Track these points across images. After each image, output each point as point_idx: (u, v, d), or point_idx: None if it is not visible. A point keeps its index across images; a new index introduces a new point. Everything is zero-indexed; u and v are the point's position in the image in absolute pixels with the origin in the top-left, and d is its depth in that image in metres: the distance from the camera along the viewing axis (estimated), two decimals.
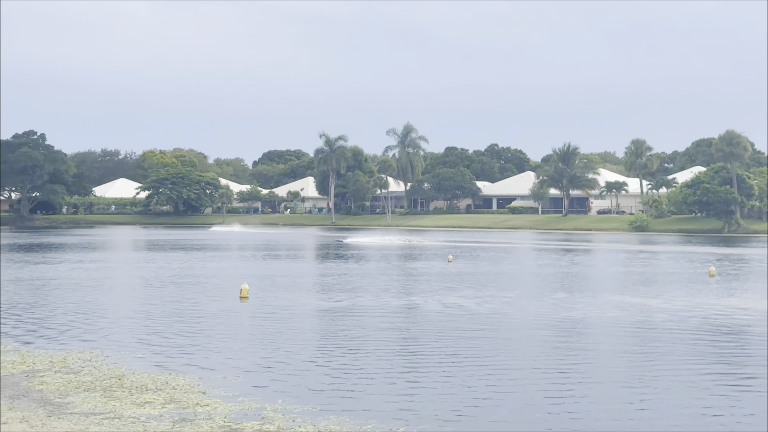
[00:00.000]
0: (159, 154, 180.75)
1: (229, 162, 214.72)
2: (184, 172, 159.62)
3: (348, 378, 15.31)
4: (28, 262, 47.11)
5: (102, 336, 20.24)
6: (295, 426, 11.68)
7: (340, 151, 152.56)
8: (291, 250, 65.51)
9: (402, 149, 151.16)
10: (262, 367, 16.28)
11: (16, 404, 12.81)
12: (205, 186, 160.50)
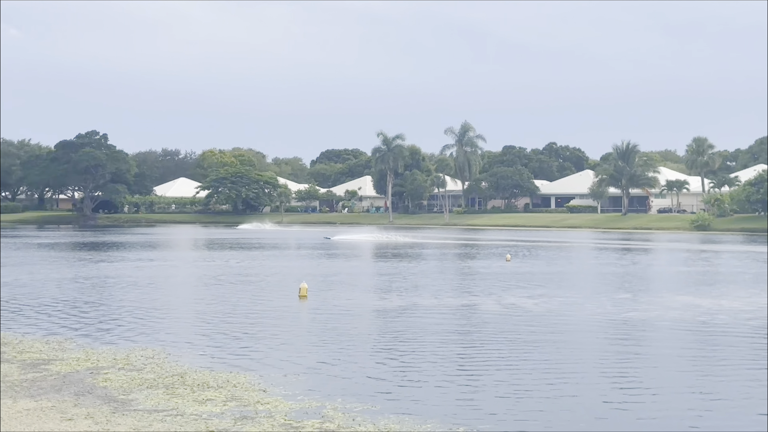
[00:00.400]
0: (218, 153, 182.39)
1: (287, 161, 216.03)
2: (243, 171, 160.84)
3: (407, 378, 15.32)
4: (90, 261, 47.85)
5: (164, 334, 20.50)
6: (355, 425, 11.73)
7: (398, 150, 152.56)
8: (350, 249, 65.70)
9: (459, 148, 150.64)
10: (321, 366, 16.36)
11: (81, 401, 13.03)
12: (264, 185, 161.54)
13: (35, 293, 29.70)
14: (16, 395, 13.38)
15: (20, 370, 15.47)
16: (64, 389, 13.87)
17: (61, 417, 12.00)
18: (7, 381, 14.47)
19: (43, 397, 13.28)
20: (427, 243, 73.17)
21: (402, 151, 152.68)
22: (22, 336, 19.70)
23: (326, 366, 16.38)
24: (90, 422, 11.73)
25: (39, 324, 21.95)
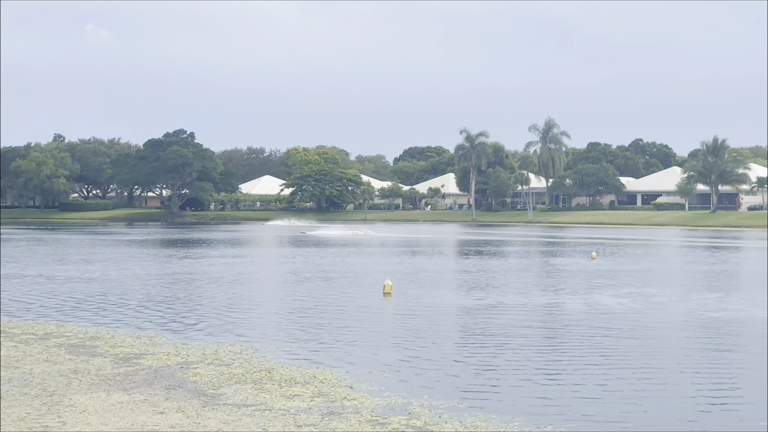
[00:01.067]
0: (302, 151, 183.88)
1: (370, 159, 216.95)
2: (326, 169, 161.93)
3: (492, 376, 15.29)
4: (178, 257, 48.71)
5: (251, 330, 20.78)
6: (441, 422, 11.75)
7: (481, 148, 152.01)
8: (430, 246, 65.69)
9: (543, 145, 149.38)
10: (406, 363, 16.42)
11: (172, 395, 13.29)
12: (347, 183, 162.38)
13: (125, 289, 30.35)
14: (110, 388, 13.70)
15: (113, 364, 15.84)
16: (155, 383, 14.16)
17: (153, 410, 12.26)
18: (101, 374, 14.84)
19: (136, 390, 13.58)
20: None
21: (485, 149, 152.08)
22: (114, 331, 20.15)
23: (411, 363, 16.43)
24: (181, 416, 11.96)
25: (130, 319, 22.43)
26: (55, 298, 27.48)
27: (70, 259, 46.47)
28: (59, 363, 15.85)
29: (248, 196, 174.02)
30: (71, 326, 20.80)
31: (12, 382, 14.10)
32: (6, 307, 24.99)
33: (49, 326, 20.69)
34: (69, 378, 14.47)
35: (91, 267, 40.40)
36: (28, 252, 53.10)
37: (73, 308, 24.77)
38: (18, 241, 69.19)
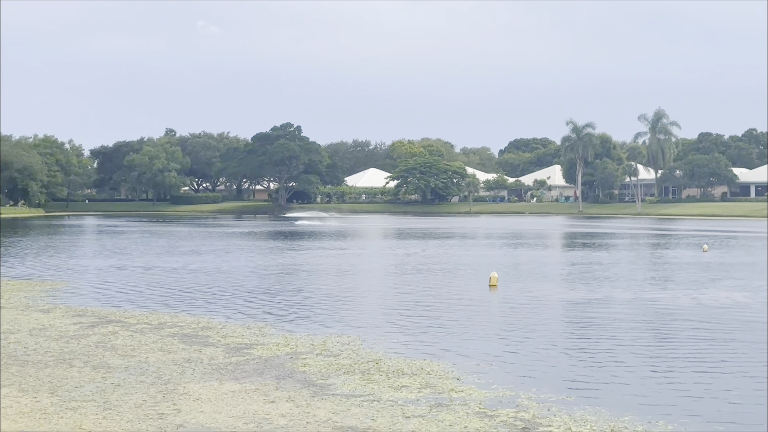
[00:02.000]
0: (408, 143, 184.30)
1: (475, 151, 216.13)
2: (431, 161, 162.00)
3: (601, 370, 15.11)
4: (285, 249, 49.40)
5: (358, 321, 20.97)
6: (549, 415, 11.68)
7: (588, 139, 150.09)
8: (539, 238, 65.16)
9: (652, 135, 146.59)
10: (514, 356, 16.35)
11: (282, 384, 13.51)
12: (452, 175, 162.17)
13: (235, 280, 30.94)
14: (222, 377, 14.00)
15: (224, 353, 16.17)
16: (265, 373, 14.41)
17: (264, 399, 12.49)
18: (213, 364, 15.17)
19: (247, 380, 13.85)
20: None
21: (592, 140, 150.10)
22: (225, 321, 20.57)
23: (519, 356, 16.36)
24: (291, 405, 12.15)
25: (240, 310, 22.86)
26: (167, 288, 28.17)
27: (182, 250, 47.57)
28: (173, 352, 16.26)
29: (354, 189, 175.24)
30: (184, 316, 21.31)
31: (129, 370, 14.53)
32: (121, 297, 25.74)
33: (163, 316, 21.23)
34: (183, 367, 14.84)
35: (202, 258, 41.29)
36: (141, 244, 54.55)
37: (185, 299, 25.36)
38: (131, 233, 71.12)
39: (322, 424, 11.15)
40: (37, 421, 11.21)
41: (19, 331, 18.60)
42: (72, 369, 14.59)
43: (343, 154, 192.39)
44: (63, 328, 19.19)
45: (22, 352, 16.21)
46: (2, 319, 20.41)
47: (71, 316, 21.07)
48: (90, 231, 79.65)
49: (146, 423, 11.13)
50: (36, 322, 19.96)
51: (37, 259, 40.82)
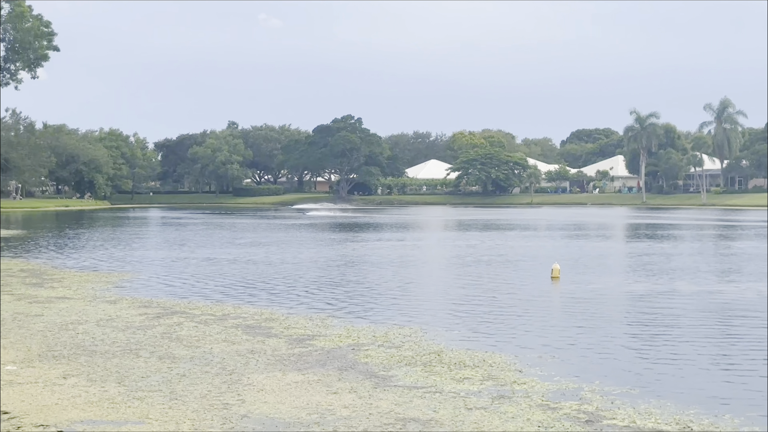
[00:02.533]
0: (468, 135, 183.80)
1: (536, 142, 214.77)
2: (492, 152, 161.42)
3: (665, 363, 14.94)
4: (346, 241, 49.59)
5: (419, 313, 20.99)
6: (613, 408, 11.59)
7: (651, 129, 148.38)
8: (599, 229, 64.57)
9: (718, 125, 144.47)
10: (576, 348, 16.25)
11: (345, 375, 13.59)
12: (513, 166, 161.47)
13: (297, 272, 31.15)
14: (285, 368, 14.13)
15: (287, 344, 16.31)
16: (328, 364, 14.51)
17: (327, 390, 12.58)
18: (276, 355, 15.31)
19: (310, 370, 13.95)
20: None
21: (656, 130, 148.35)
22: (288, 312, 20.73)
23: (581, 348, 16.25)
24: (354, 396, 12.22)
25: (302, 301, 23.03)
26: (230, 280, 28.47)
27: (243, 242, 48.01)
28: (237, 343, 16.44)
29: (414, 180, 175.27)
30: (247, 308, 21.52)
31: (194, 360, 14.73)
32: (185, 288, 26.07)
33: (227, 308, 21.47)
34: (246, 357, 15.00)
35: (264, 250, 41.64)
36: (204, 236, 55.16)
37: (248, 290, 25.61)
38: (194, 225, 71.96)
39: (384, 415, 11.20)
40: (105, 411, 11.42)
41: (87, 322, 18.95)
42: (138, 359, 14.83)
43: (403, 146, 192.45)
44: (129, 318, 19.51)
45: (90, 342, 16.52)
46: (72, 310, 20.82)
47: (137, 307, 21.40)
48: (154, 223, 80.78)
49: (211, 413, 11.28)
50: (103, 313, 20.31)
51: (103, 251, 41.51)
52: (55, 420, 10.93)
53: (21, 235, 56.40)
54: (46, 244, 46.73)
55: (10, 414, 11.21)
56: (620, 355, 15.65)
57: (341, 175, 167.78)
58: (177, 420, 10.93)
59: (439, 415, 11.17)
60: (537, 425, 10.71)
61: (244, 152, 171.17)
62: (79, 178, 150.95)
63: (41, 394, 12.30)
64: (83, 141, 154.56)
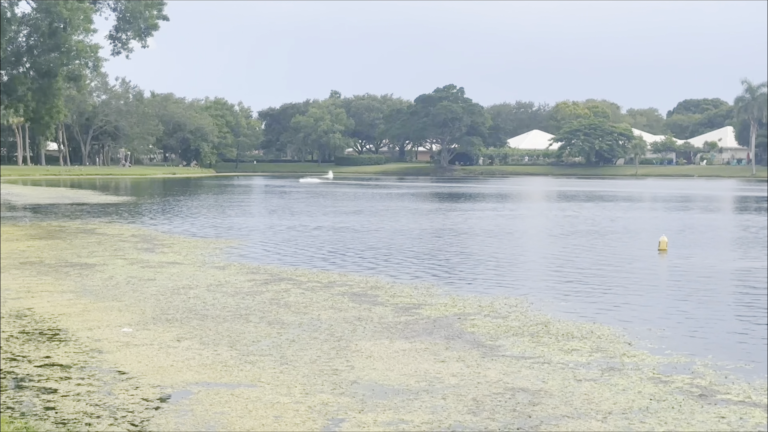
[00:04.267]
0: (572, 105, 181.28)
1: (642, 112, 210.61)
2: (596, 123, 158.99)
3: None
4: (449, 211, 49.56)
5: (524, 283, 20.87)
6: (727, 382, 11.37)
7: (763, 99, 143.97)
8: (707, 201, 63.16)
9: None
10: (686, 322, 15.96)
11: (452, 344, 13.62)
12: (618, 137, 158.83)
13: (399, 241, 31.27)
14: (392, 336, 14.23)
15: (393, 313, 16.41)
16: (435, 332, 14.56)
17: (434, 358, 12.63)
18: (383, 322, 15.42)
19: (417, 339, 14.02)
20: None
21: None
22: (393, 281, 20.84)
23: (691, 322, 15.95)
24: (461, 365, 12.25)
25: (406, 270, 23.11)
26: (335, 248, 28.74)
27: (346, 210, 48.39)
28: (344, 310, 16.61)
29: (516, 151, 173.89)
30: (352, 276, 21.70)
31: (302, 326, 14.94)
32: (291, 256, 26.43)
33: (333, 275, 21.69)
34: (354, 324, 15.15)
35: (367, 219, 41.88)
36: (309, 204, 55.76)
37: (353, 258, 25.81)
38: (298, 193, 72.75)
39: (493, 384, 11.20)
40: (218, 373, 11.68)
41: (198, 287, 19.38)
42: (249, 324, 15.11)
43: (505, 116, 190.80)
44: (238, 284, 19.88)
45: (201, 306, 16.89)
46: (182, 275, 21.31)
47: (245, 273, 21.78)
48: (258, 191, 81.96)
49: (321, 378, 11.44)
50: (212, 279, 20.74)
51: (210, 218, 42.31)
52: (171, 381, 11.23)
53: (131, 202, 57.87)
54: (155, 211, 47.86)
55: (127, 374, 11.56)
56: (732, 328, 15.33)
57: (442, 145, 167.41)
58: (288, 384, 11.12)
59: (548, 386, 11.12)
60: (649, 398, 10.58)
61: (346, 121, 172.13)
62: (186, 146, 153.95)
63: (157, 356, 12.64)
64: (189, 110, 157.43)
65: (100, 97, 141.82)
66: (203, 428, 9.28)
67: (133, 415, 9.74)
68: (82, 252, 26.37)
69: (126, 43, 63.97)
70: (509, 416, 9.82)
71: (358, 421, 9.61)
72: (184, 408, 10.02)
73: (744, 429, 9.40)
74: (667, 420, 9.69)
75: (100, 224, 37.69)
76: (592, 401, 10.44)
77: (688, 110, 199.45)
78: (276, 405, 10.17)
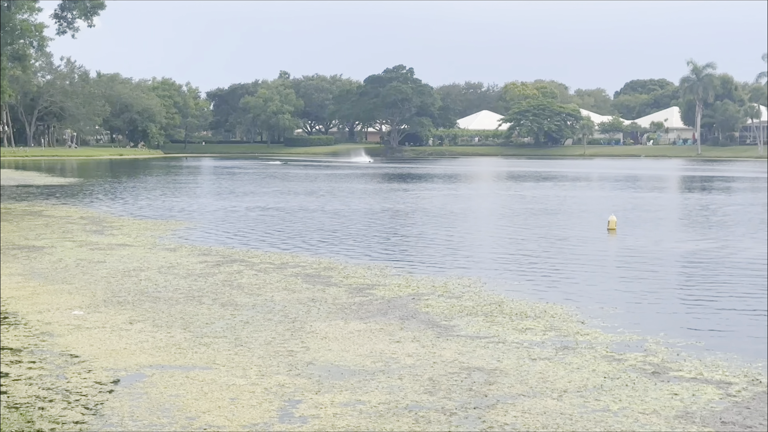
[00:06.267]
0: (520, 86, 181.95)
1: (590, 93, 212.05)
2: (545, 103, 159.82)
3: (728, 316, 14.79)
4: (399, 191, 49.59)
5: (477, 264, 20.96)
6: (679, 359, 11.51)
7: (708, 80, 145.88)
8: (654, 181, 63.88)
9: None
10: (638, 300, 16.14)
11: (407, 324, 13.63)
12: (566, 117, 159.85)
13: (352, 222, 31.24)
14: (347, 317, 14.20)
15: (348, 293, 16.39)
16: (389, 313, 14.56)
17: (389, 339, 12.63)
18: (337, 303, 15.39)
19: (371, 319, 14.01)
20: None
21: (712, 80, 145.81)
22: (346, 261, 20.81)
23: (643, 300, 16.14)
24: (417, 345, 12.26)
25: (359, 251, 23.09)
26: (286, 229, 28.64)
27: (297, 191, 48.20)
28: (298, 291, 16.55)
29: (466, 132, 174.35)
30: (305, 256, 21.63)
31: (256, 308, 14.86)
32: (243, 237, 26.27)
33: (285, 256, 21.60)
34: (308, 306, 15.10)
35: (317, 200, 41.77)
36: (259, 185, 55.47)
37: (304, 239, 25.73)
38: (246, 174, 72.37)
39: (449, 364, 11.22)
40: (173, 356, 11.58)
41: (149, 269, 19.19)
42: (202, 306, 15.00)
43: (455, 97, 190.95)
44: (190, 266, 19.72)
45: (153, 288, 16.73)
46: (133, 257, 21.09)
47: (197, 255, 21.61)
48: (207, 172, 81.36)
49: (277, 359, 11.38)
50: (164, 260, 20.55)
51: (159, 200, 41.92)
52: (125, 364, 11.11)
53: (78, 183, 57.16)
54: (103, 192, 47.31)
55: (80, 358, 11.41)
56: (682, 308, 15.52)
57: (392, 125, 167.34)
58: (244, 366, 11.05)
59: (503, 365, 11.17)
60: (603, 376, 10.67)
61: (295, 102, 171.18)
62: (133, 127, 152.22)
63: (109, 339, 12.50)
64: (136, 90, 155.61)
65: (45, 77, 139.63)
66: (158, 411, 9.19)
67: (86, 398, 9.62)
68: (29, 234, 26.00)
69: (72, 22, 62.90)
70: (465, 395, 9.84)
71: (315, 402, 9.58)
72: (139, 391, 9.92)
73: (697, 405, 9.52)
74: (621, 397, 9.78)
75: (47, 206, 37.18)
76: (547, 380, 10.50)
77: (635, 91, 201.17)
78: (232, 387, 10.10)
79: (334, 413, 9.18)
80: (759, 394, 9.96)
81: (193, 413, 9.14)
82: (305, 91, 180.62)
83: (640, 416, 9.13)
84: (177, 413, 9.13)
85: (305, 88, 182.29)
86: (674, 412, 9.26)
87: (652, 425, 8.86)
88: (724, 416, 9.18)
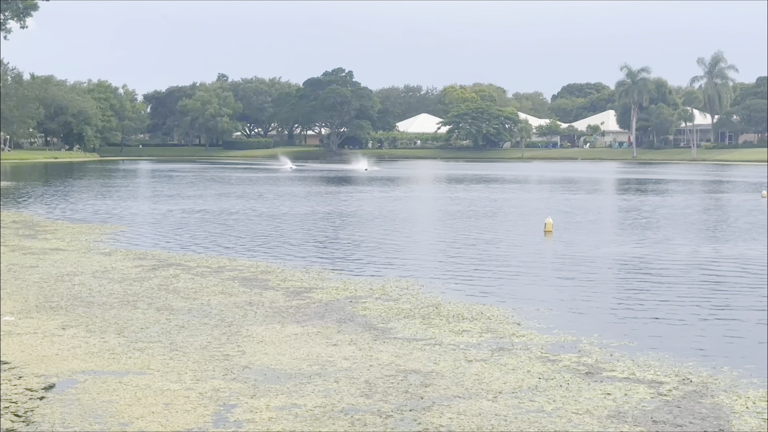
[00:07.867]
0: (459, 89, 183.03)
1: (527, 96, 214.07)
2: (483, 106, 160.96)
3: (662, 317, 15.00)
4: (337, 194, 49.55)
5: (415, 266, 21.01)
6: (613, 360, 11.65)
7: (643, 84, 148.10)
8: (591, 184, 64.64)
9: (709, 80, 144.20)
10: (573, 302, 16.31)
11: (344, 327, 13.61)
12: (504, 120, 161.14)
13: (290, 225, 31.14)
14: (284, 320, 14.14)
15: (285, 297, 16.32)
16: (326, 316, 14.52)
17: (326, 342, 12.60)
18: (274, 307, 15.32)
19: (309, 323, 13.97)
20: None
21: (647, 85, 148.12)
22: (284, 265, 20.72)
23: (578, 302, 16.31)
24: (354, 348, 12.25)
25: (297, 254, 23.02)
26: (224, 233, 28.44)
27: (234, 195, 47.92)
28: (234, 295, 16.43)
29: (405, 135, 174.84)
30: (242, 260, 21.50)
31: (192, 312, 14.72)
32: (179, 241, 26.03)
33: (222, 260, 21.44)
34: (245, 309, 15.01)
35: (255, 204, 41.56)
36: (195, 188, 55.02)
37: (242, 243, 25.58)
38: (183, 177, 71.75)
39: (385, 367, 11.23)
40: (106, 361, 11.42)
41: (83, 273, 18.92)
42: (136, 311, 14.82)
43: (394, 100, 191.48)
44: (125, 270, 19.48)
45: (87, 293, 16.49)
46: (66, 261, 20.78)
47: (132, 259, 21.36)
48: (144, 175, 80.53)
49: (212, 364, 11.29)
50: (98, 265, 20.27)
51: (95, 203, 41.38)
52: (56, 370, 10.93)
53: (11, 187, 56.19)
54: (36, 196, 46.57)
55: (10, 364, 11.21)
56: (617, 309, 15.72)
57: (332, 128, 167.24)
58: (179, 371, 10.94)
59: (439, 367, 11.20)
60: (537, 377, 10.76)
61: (234, 105, 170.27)
62: (68, 130, 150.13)
63: (41, 345, 12.29)
64: (72, 92, 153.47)
65: None
66: (90, 417, 9.06)
67: (16, 405, 9.44)
68: None
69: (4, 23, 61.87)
70: (402, 398, 9.85)
71: (251, 406, 9.52)
72: (70, 397, 9.76)
73: (629, 405, 9.64)
74: (556, 398, 9.87)
75: None
76: (483, 381, 10.56)
77: (571, 94, 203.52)
78: (166, 392, 9.99)
79: (269, 417, 9.13)
80: (689, 393, 10.12)
81: (126, 419, 9.02)
82: (244, 93, 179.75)
83: (574, 416, 9.22)
84: (110, 419, 9.01)
85: (244, 90, 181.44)
86: (607, 412, 9.37)
87: (585, 425, 8.95)
88: (656, 415, 9.30)
